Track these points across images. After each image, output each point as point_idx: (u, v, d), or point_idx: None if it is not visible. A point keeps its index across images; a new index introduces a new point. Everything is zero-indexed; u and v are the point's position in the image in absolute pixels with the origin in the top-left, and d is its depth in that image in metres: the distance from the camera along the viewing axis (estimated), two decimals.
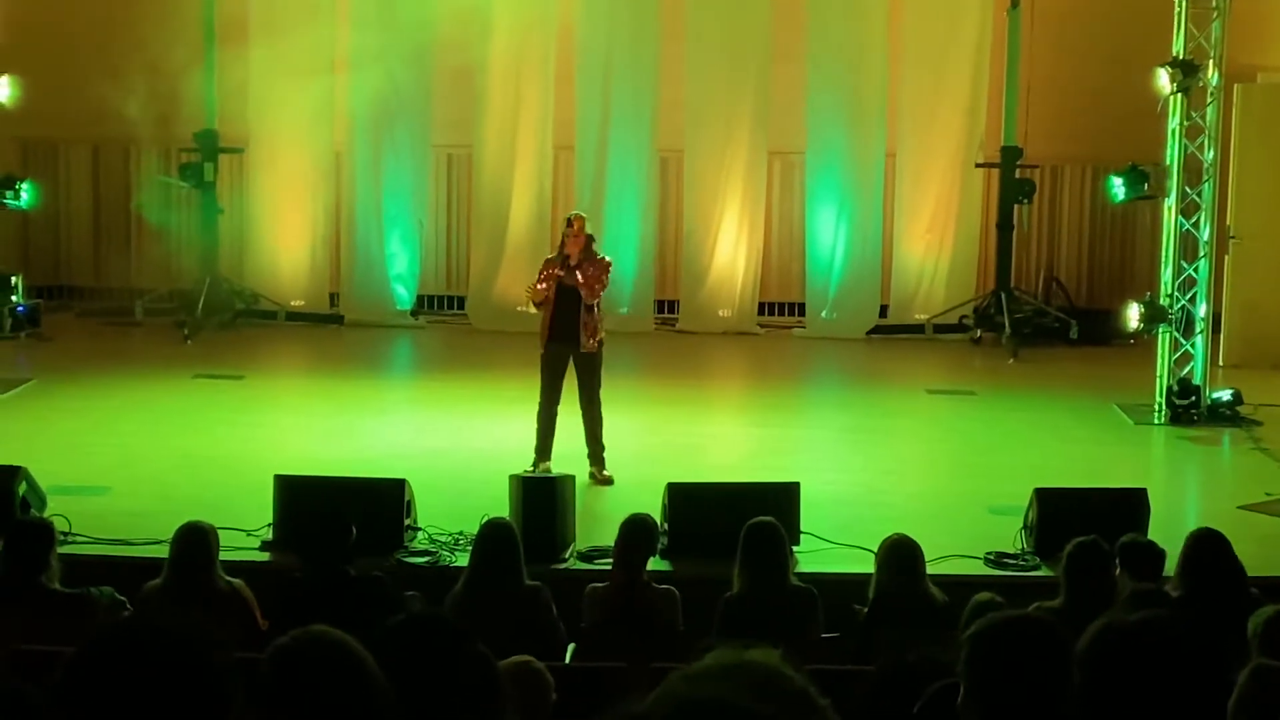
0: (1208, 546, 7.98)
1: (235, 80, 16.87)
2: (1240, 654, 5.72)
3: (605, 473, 11.68)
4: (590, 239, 11.81)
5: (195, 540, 8.20)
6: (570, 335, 11.68)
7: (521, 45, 17.13)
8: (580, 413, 11.72)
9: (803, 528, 10.09)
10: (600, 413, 11.73)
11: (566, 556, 9.89)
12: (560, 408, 11.77)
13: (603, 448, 11.72)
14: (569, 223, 11.84)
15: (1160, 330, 13.92)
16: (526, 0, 16.97)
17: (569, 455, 11.67)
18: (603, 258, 11.87)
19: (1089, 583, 7.61)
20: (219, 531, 8.51)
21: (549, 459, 11.69)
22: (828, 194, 17.28)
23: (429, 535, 10.20)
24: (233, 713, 2.77)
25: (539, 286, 11.64)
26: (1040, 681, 3.71)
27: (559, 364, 11.76)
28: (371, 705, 3.53)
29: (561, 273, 11.63)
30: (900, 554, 8.31)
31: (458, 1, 16.23)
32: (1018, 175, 16.99)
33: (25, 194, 15.81)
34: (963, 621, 6.89)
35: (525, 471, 10.92)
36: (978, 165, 17.26)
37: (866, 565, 8.82)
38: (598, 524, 10.13)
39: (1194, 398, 13.77)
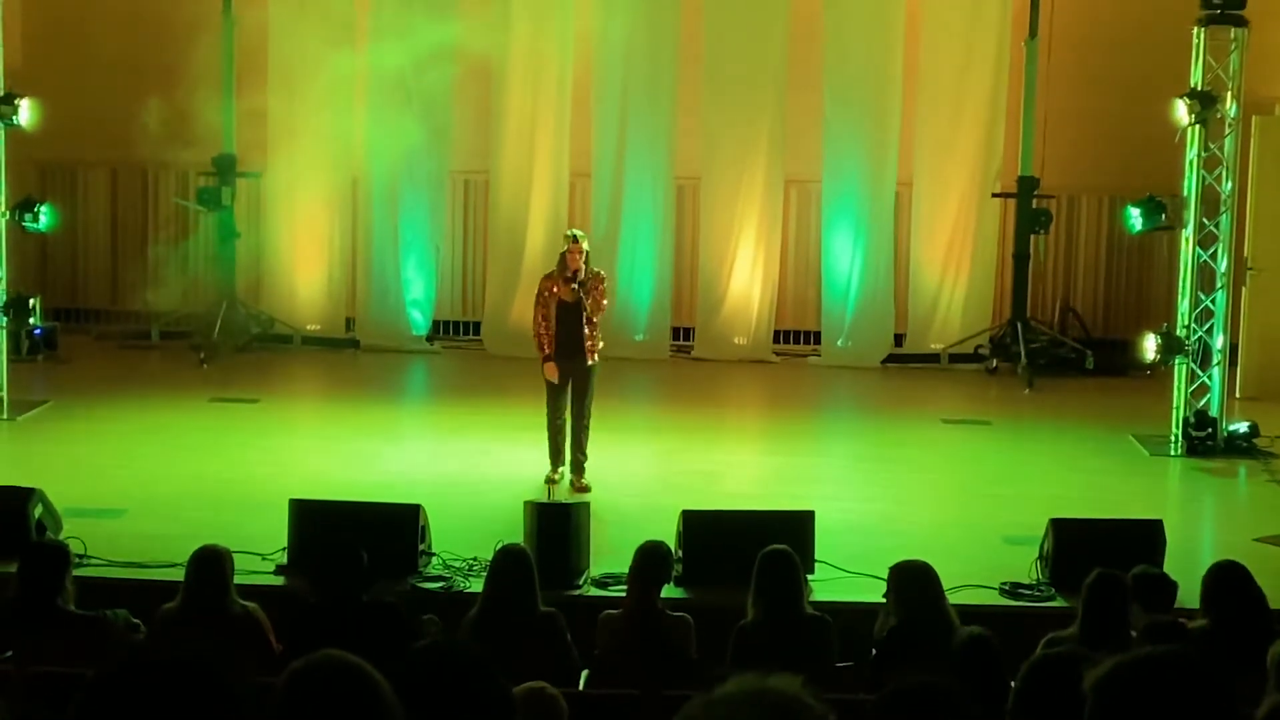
0: (1230, 578, 7.92)
1: (253, 104, 16.92)
2: (1263, 687, 5.68)
3: (583, 481, 12.11)
4: (587, 254, 12.18)
5: (210, 563, 8.20)
6: (576, 350, 12.07)
7: (539, 72, 17.17)
8: (569, 422, 12.19)
9: (817, 556, 10.08)
10: (589, 424, 12.18)
11: (581, 583, 9.88)
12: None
13: (585, 457, 12.17)
14: (574, 239, 12.11)
15: (1177, 361, 13.89)
16: (544, 28, 17.02)
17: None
18: (599, 272, 12.34)
19: (1107, 614, 7.58)
20: (234, 555, 8.51)
21: (564, 463, 12.13)
22: (844, 222, 17.28)
23: (443, 560, 10.20)
24: None
25: (543, 342, 12.09)
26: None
27: (563, 379, 12.14)
28: None
29: (575, 286, 11.93)
30: (913, 579, 8.26)
31: (476, 29, 16.27)
32: (1034, 205, 16.97)
33: (44, 217, 15.84)
34: (956, 657, 6.73)
35: (544, 482, 11.60)
36: (994, 195, 17.25)
37: (881, 594, 8.79)
38: (613, 550, 10.11)
39: (1210, 429, 13.74)
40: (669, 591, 8.89)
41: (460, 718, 3.59)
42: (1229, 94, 13.72)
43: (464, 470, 12.63)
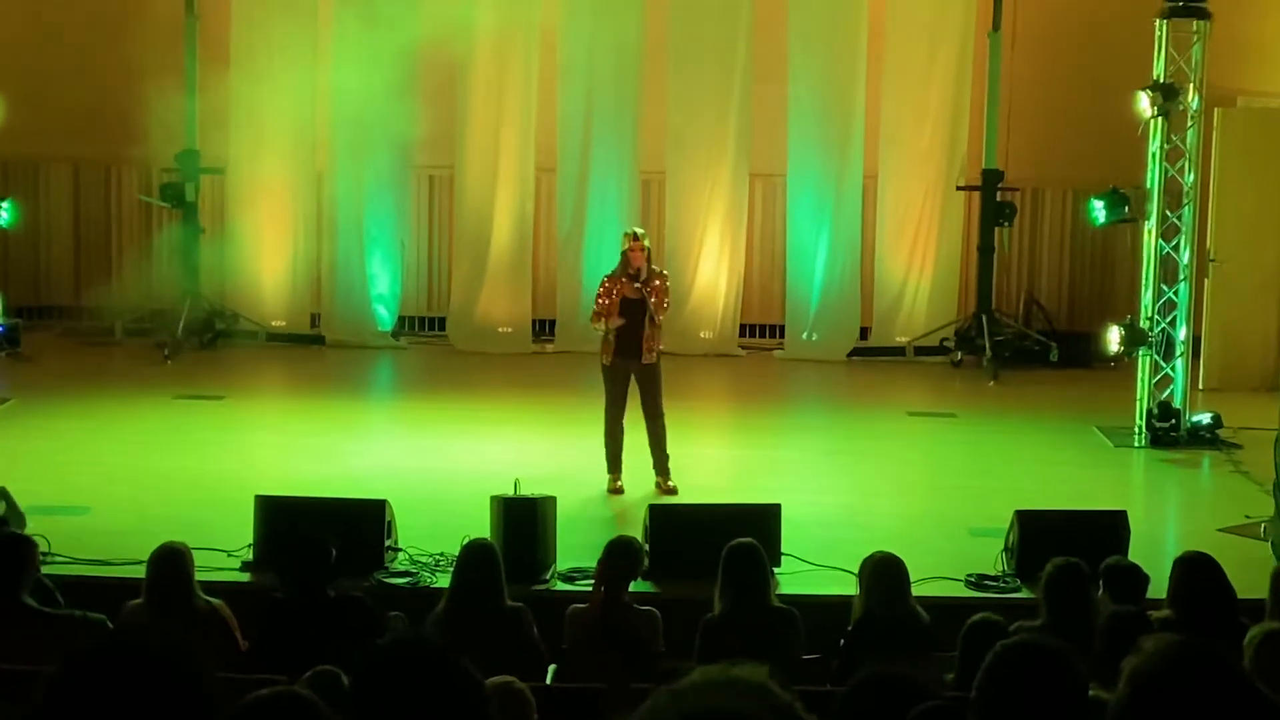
0: (1199, 571, 7.94)
1: (216, 100, 16.85)
2: None
3: (670, 483, 11.84)
4: (649, 252, 12.08)
5: (168, 561, 8.15)
6: (634, 350, 11.94)
7: (503, 67, 17.14)
8: (644, 425, 11.93)
9: (784, 549, 10.10)
10: (664, 423, 11.95)
11: (548, 577, 9.88)
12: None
13: (667, 457, 11.91)
14: (634, 236, 12.04)
15: (1140, 353, 13.95)
16: (509, 21, 16.99)
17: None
18: (663, 272, 12.32)
19: (1068, 603, 7.61)
20: (199, 552, 8.49)
21: (621, 472, 11.89)
22: (809, 216, 17.30)
23: (410, 556, 10.19)
24: None
25: (604, 303, 11.90)
26: (1054, 710, 3.74)
27: (624, 378, 11.99)
28: None
29: (639, 286, 11.86)
30: (885, 572, 8.29)
31: (440, 22, 16.24)
32: (999, 198, 17.02)
33: (5, 213, 15.80)
34: (959, 642, 6.87)
35: (607, 493, 11.63)
36: (959, 188, 17.31)
37: (848, 587, 8.82)
38: (580, 545, 10.11)
39: (1174, 420, 13.80)
40: (636, 585, 8.90)
41: (435, 713, 3.59)
42: (1191, 86, 13.78)
43: (430, 465, 12.61)
